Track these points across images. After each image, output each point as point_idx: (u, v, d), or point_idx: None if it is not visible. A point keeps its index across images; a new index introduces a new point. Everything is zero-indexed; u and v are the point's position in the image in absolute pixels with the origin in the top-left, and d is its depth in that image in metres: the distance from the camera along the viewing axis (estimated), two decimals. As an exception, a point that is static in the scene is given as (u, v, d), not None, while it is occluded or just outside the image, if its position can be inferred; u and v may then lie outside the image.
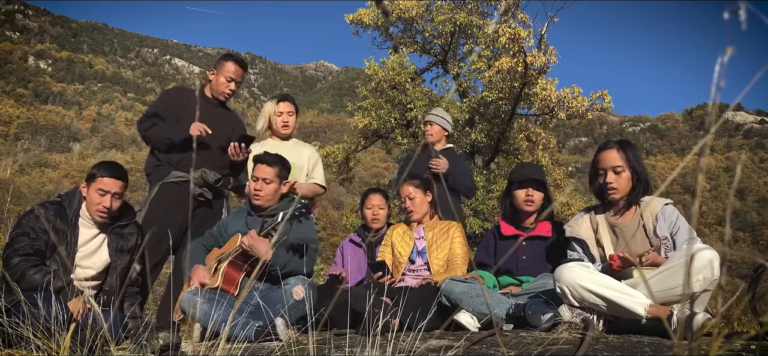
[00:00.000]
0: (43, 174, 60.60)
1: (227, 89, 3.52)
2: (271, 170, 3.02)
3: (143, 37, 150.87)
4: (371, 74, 12.16)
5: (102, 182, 2.68)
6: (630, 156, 2.44)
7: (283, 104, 3.80)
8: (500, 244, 3.10)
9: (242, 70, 3.60)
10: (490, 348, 1.96)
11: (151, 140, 3.39)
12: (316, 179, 3.81)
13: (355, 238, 3.76)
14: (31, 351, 1.91)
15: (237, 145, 3.37)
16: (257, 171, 3.05)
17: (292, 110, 3.82)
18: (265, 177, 3.01)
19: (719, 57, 0.65)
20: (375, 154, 48.04)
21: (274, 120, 3.78)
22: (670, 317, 2.05)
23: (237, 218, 3.12)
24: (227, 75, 3.50)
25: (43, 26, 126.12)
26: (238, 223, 3.06)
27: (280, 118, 3.77)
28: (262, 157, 3.08)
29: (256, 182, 3.03)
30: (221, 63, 3.55)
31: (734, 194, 2.03)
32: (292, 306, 2.57)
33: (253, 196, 3.04)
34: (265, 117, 3.82)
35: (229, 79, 3.51)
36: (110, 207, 2.69)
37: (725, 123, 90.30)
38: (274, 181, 3.03)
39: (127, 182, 2.78)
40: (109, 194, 2.68)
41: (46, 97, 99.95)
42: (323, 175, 3.91)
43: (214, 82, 3.54)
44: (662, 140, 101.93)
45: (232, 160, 3.41)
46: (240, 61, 3.59)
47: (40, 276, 2.44)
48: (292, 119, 3.81)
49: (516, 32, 10.68)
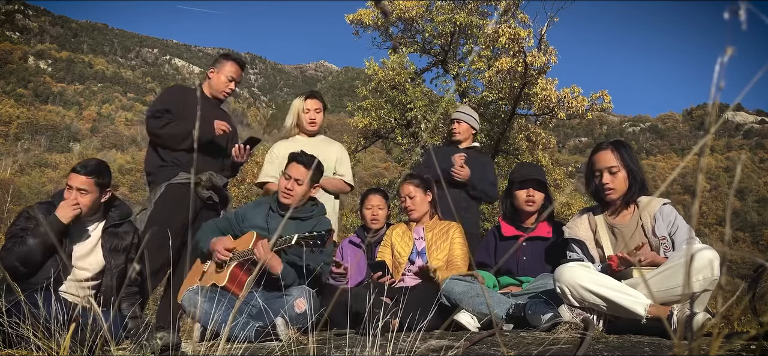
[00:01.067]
0: (43, 174, 60.62)
1: (227, 88, 3.52)
2: (306, 171, 2.92)
3: (143, 37, 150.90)
4: (371, 74, 12.16)
5: (69, 177, 2.66)
6: (625, 156, 2.44)
7: (310, 101, 3.79)
8: (500, 244, 3.10)
9: (241, 70, 3.59)
10: (490, 348, 1.96)
11: (165, 137, 3.28)
12: (344, 176, 3.79)
13: (354, 239, 3.75)
14: (31, 351, 1.91)
15: (241, 146, 3.37)
16: (291, 170, 2.95)
17: (319, 107, 3.81)
18: (299, 178, 2.93)
19: (719, 57, 0.65)
20: (375, 154, 48.02)
21: (302, 117, 3.76)
22: (670, 317, 2.05)
23: (257, 210, 3.03)
24: (228, 75, 3.50)
25: (43, 26, 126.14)
26: (257, 216, 2.98)
27: (308, 115, 3.75)
28: (298, 156, 2.98)
29: (289, 180, 2.94)
30: (221, 62, 3.55)
31: (734, 194, 2.04)
32: (293, 318, 2.55)
33: (282, 194, 2.95)
34: (294, 114, 3.81)
35: (230, 79, 3.51)
36: (77, 203, 2.60)
37: (725, 123, 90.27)
38: (306, 183, 2.94)
39: (100, 180, 2.68)
40: (74, 190, 2.62)
41: (46, 97, 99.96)
42: (351, 172, 3.88)
43: (215, 81, 3.53)
44: (662, 140, 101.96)
45: (235, 161, 3.40)
46: (239, 60, 3.59)
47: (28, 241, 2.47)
48: (319, 116, 3.80)
49: (516, 32, 10.68)
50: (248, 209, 3.10)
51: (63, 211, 2.57)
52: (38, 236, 2.49)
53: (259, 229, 2.89)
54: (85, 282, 2.67)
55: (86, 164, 2.69)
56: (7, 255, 2.48)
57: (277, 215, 2.99)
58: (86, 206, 2.65)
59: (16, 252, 2.48)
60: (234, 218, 3.04)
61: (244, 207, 3.16)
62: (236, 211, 3.12)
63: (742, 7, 0.61)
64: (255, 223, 2.95)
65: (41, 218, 2.53)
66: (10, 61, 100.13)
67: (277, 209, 3.01)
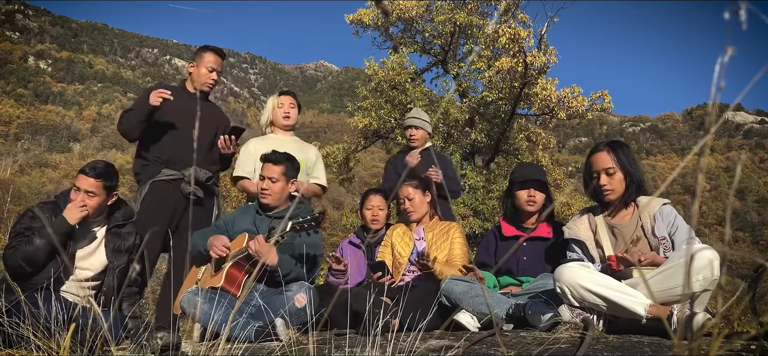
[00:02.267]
0: (43, 174, 60.61)
1: (209, 79, 3.50)
2: (277, 168, 2.99)
3: (143, 37, 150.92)
4: (371, 74, 12.17)
5: (77, 179, 2.67)
6: (621, 157, 2.45)
7: (284, 97, 3.82)
8: (501, 244, 3.10)
9: (221, 59, 3.58)
10: (490, 348, 1.96)
11: (125, 130, 3.35)
12: (318, 178, 3.80)
13: (354, 239, 3.75)
14: (31, 351, 1.91)
15: (226, 137, 3.36)
16: (264, 170, 3.02)
17: (293, 102, 3.83)
18: (272, 176, 2.98)
19: (719, 57, 0.65)
20: (375, 154, 48.00)
21: (276, 113, 3.78)
22: (670, 317, 2.04)
23: (244, 215, 3.08)
24: (208, 65, 3.49)
25: (43, 26, 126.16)
26: (245, 221, 3.03)
27: (282, 109, 3.77)
28: (269, 156, 3.04)
29: (263, 181, 3.00)
30: (200, 55, 3.54)
31: (734, 194, 2.04)
32: (294, 313, 2.56)
33: (260, 195, 3.01)
34: (268, 112, 3.83)
35: (211, 70, 3.50)
36: (84, 205, 2.62)
37: (725, 123, 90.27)
38: (281, 180, 2.99)
39: (108, 183, 2.70)
40: (82, 192, 2.64)
41: (46, 97, 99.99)
42: (325, 174, 3.89)
43: (195, 75, 3.52)
44: (662, 140, 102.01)
45: (222, 153, 3.40)
46: (218, 50, 3.57)
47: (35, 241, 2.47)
48: (293, 112, 3.81)
49: (516, 32, 10.68)
50: (236, 215, 3.13)
51: (71, 212, 2.57)
52: (45, 237, 2.50)
53: (249, 232, 2.92)
54: (86, 282, 2.67)
55: (95, 166, 2.71)
56: (12, 254, 2.49)
57: (264, 217, 3.02)
58: (93, 208, 2.66)
59: (22, 251, 2.48)
60: (223, 225, 3.08)
61: (232, 214, 3.19)
62: (225, 218, 3.16)
63: (742, 7, 0.61)
64: (244, 228, 2.99)
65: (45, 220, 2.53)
66: (10, 61, 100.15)
67: (262, 212, 3.05)
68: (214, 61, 3.50)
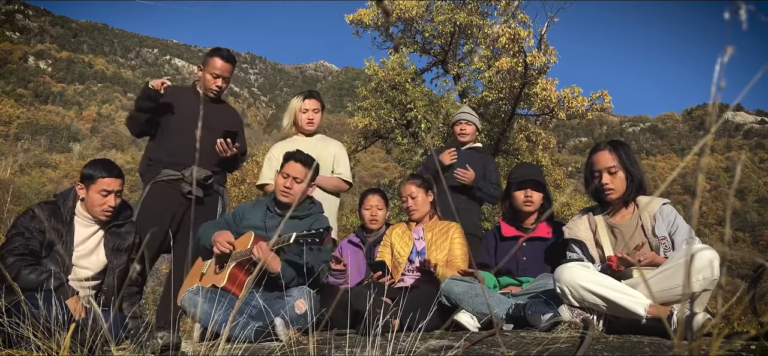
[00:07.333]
0: (43, 174, 60.62)
1: (214, 85, 3.49)
2: (304, 169, 2.95)
3: (143, 37, 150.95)
4: (371, 74, 12.16)
5: (103, 182, 2.68)
6: (622, 156, 2.45)
7: (309, 101, 3.77)
8: (501, 245, 3.10)
9: (230, 65, 3.54)
10: (490, 348, 1.96)
11: (131, 125, 3.41)
12: (343, 174, 3.77)
13: (353, 239, 3.75)
14: (31, 351, 1.91)
15: (222, 141, 3.34)
16: (289, 168, 2.97)
17: (317, 106, 3.80)
18: (297, 176, 2.94)
19: (719, 57, 0.65)
20: (375, 154, 48.04)
21: (300, 117, 3.75)
22: (670, 317, 2.04)
23: (255, 209, 3.05)
24: (213, 72, 3.47)
25: (43, 26, 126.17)
26: (255, 216, 3.00)
27: (306, 115, 3.74)
28: (296, 154, 3.01)
29: (287, 179, 2.96)
30: (208, 59, 3.52)
31: (734, 194, 2.04)
32: (294, 320, 2.55)
33: (280, 192, 2.96)
34: (291, 114, 3.80)
35: (216, 76, 3.47)
36: (114, 206, 2.72)
37: (725, 123, 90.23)
38: (304, 181, 2.96)
39: (124, 179, 2.82)
40: (112, 194, 2.70)
41: (46, 97, 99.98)
42: (349, 169, 3.86)
43: (202, 80, 3.52)
44: (662, 140, 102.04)
45: (221, 156, 3.39)
46: (227, 56, 3.53)
47: (35, 275, 2.44)
48: (317, 117, 3.79)
49: (516, 32, 10.68)
50: (247, 208, 3.10)
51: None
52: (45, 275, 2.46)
53: (256, 229, 2.89)
54: (86, 282, 2.67)
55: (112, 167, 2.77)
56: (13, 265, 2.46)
57: (275, 214, 2.99)
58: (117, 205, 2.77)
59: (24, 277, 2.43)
60: (232, 218, 3.05)
61: (243, 206, 3.16)
62: (235, 210, 3.13)
63: (742, 7, 0.61)
64: (253, 223, 2.96)
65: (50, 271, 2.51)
66: (10, 61, 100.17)
67: (274, 208, 3.02)
68: (221, 68, 3.48)
